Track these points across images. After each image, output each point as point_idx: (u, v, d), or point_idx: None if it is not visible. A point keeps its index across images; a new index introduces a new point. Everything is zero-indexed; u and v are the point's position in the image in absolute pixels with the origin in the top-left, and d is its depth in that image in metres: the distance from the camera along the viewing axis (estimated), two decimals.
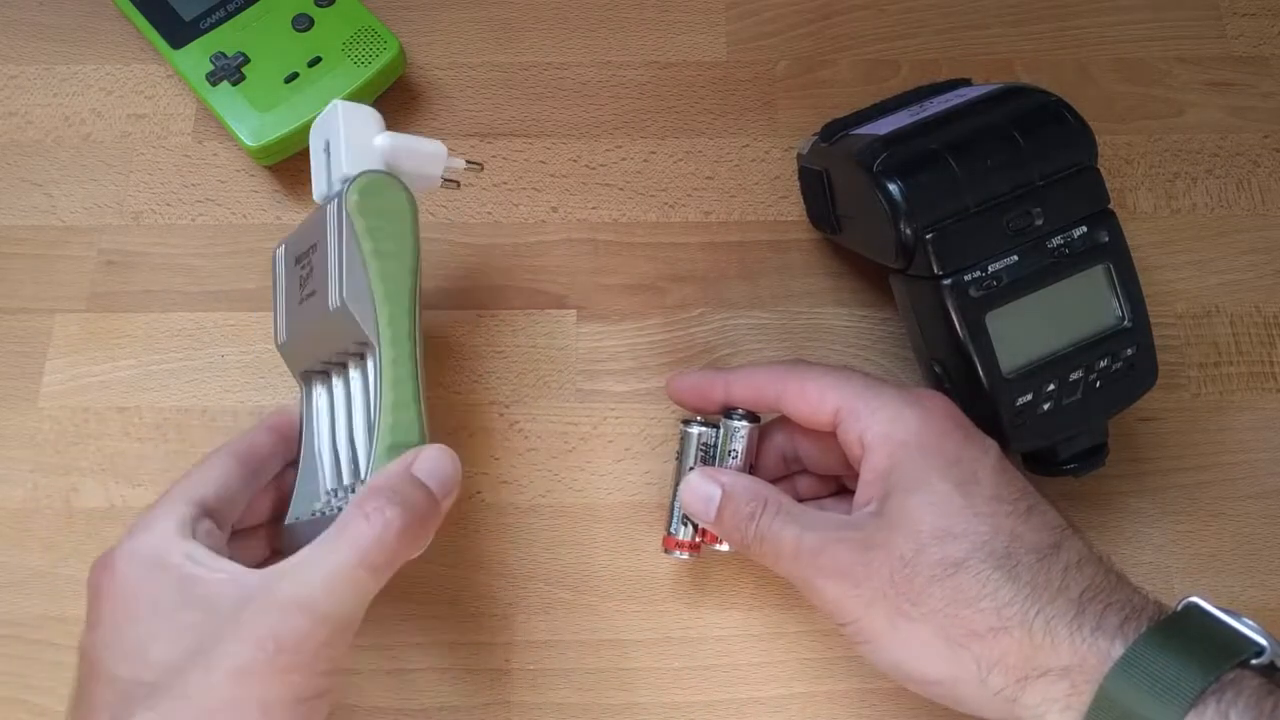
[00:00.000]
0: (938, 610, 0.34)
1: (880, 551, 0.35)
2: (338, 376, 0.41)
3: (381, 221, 0.39)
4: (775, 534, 0.37)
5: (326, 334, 0.40)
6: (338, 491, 0.40)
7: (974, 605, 0.33)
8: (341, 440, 0.40)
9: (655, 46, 0.54)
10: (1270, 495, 0.46)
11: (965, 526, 0.34)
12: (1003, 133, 0.40)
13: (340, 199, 0.39)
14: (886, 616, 0.34)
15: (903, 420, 0.37)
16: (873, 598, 0.35)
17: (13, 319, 0.49)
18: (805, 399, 0.39)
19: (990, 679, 0.33)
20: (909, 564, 0.34)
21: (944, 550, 0.34)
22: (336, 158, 0.40)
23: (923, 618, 0.34)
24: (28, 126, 0.52)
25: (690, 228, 0.51)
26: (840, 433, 0.38)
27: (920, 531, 0.34)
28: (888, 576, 0.34)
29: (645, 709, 0.43)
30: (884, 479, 0.36)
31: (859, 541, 0.35)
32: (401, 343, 0.38)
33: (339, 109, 0.41)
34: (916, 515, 0.35)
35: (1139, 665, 0.31)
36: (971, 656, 0.33)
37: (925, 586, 0.34)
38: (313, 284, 0.40)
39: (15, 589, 0.44)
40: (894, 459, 0.36)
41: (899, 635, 0.34)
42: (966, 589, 0.33)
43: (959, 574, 0.34)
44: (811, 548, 0.36)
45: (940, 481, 0.35)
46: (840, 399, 0.38)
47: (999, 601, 0.33)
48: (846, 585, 0.35)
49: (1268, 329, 0.49)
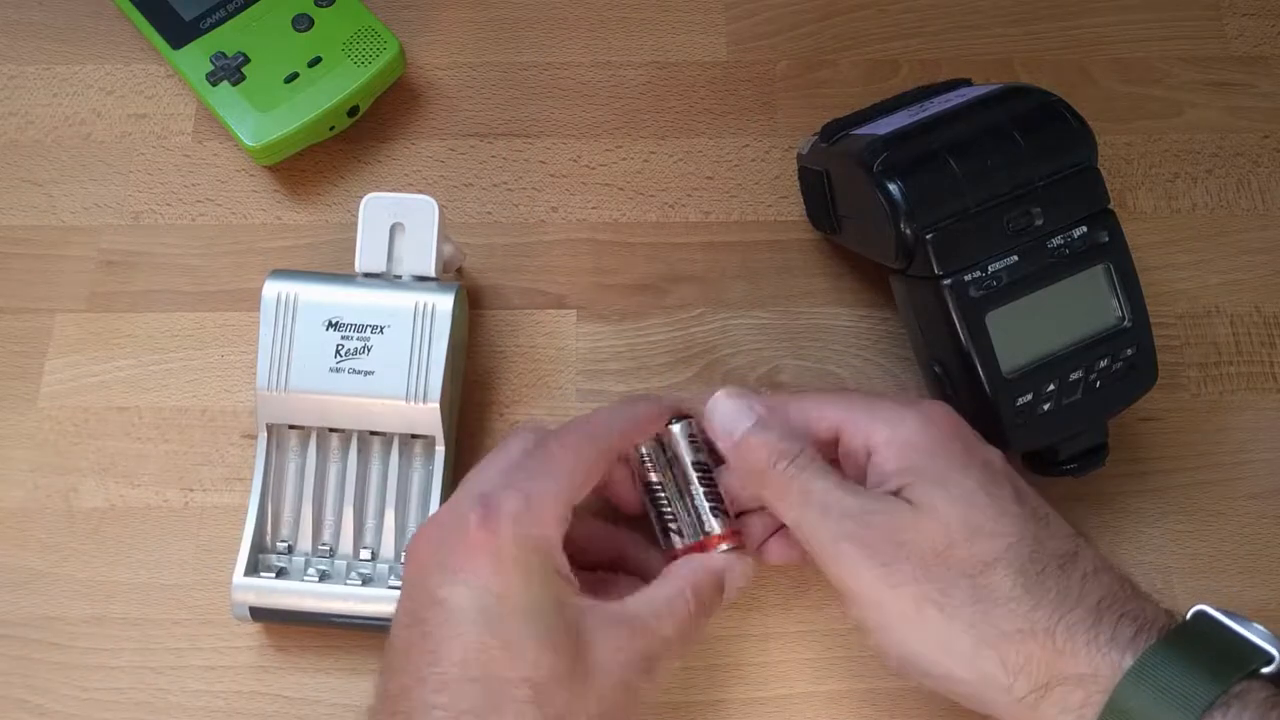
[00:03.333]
0: (967, 605, 0.33)
1: (912, 535, 0.34)
2: (324, 443, 0.43)
3: (461, 336, 0.45)
4: (808, 481, 0.36)
5: (368, 414, 0.42)
6: (314, 557, 0.43)
7: (1004, 606, 0.33)
8: (345, 509, 0.43)
9: (655, 46, 0.54)
10: (1270, 495, 0.46)
11: (994, 526, 0.34)
12: (1003, 133, 0.40)
13: (430, 304, 0.42)
14: (914, 602, 0.33)
15: (905, 423, 0.36)
16: (901, 580, 0.34)
17: (13, 319, 0.49)
18: (806, 418, 0.38)
19: (1016, 684, 0.32)
20: (940, 555, 0.33)
21: (975, 547, 0.33)
22: (415, 253, 0.44)
23: (953, 610, 0.33)
24: (28, 126, 0.52)
25: (690, 228, 0.51)
26: (843, 445, 0.38)
27: (950, 524, 0.34)
28: (919, 562, 0.34)
29: (645, 708, 0.42)
30: (899, 475, 0.35)
31: (891, 521, 0.34)
32: (451, 442, 0.44)
33: (436, 210, 0.44)
34: (944, 509, 0.34)
35: (1149, 677, 0.31)
36: (998, 658, 0.33)
37: (956, 580, 0.33)
38: (369, 362, 0.41)
39: (15, 589, 0.44)
40: (905, 458, 0.36)
41: (925, 625, 0.33)
42: (997, 589, 0.33)
43: (990, 573, 0.33)
44: (845, 509, 0.35)
45: (963, 478, 0.35)
46: (838, 414, 0.38)
47: (1027, 605, 0.33)
48: (874, 561, 0.34)
49: (1268, 329, 0.49)
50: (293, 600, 0.41)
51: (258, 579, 0.41)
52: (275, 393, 0.42)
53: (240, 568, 0.41)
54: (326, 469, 0.43)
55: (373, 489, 0.43)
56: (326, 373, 0.42)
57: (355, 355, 0.42)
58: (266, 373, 0.42)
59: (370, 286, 0.43)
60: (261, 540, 0.43)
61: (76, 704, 0.42)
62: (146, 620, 0.44)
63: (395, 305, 0.42)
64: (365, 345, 0.42)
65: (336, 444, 0.43)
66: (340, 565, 0.43)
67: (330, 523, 0.43)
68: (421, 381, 0.42)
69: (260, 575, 0.41)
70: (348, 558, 0.43)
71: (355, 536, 0.43)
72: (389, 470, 0.43)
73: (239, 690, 0.43)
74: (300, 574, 0.42)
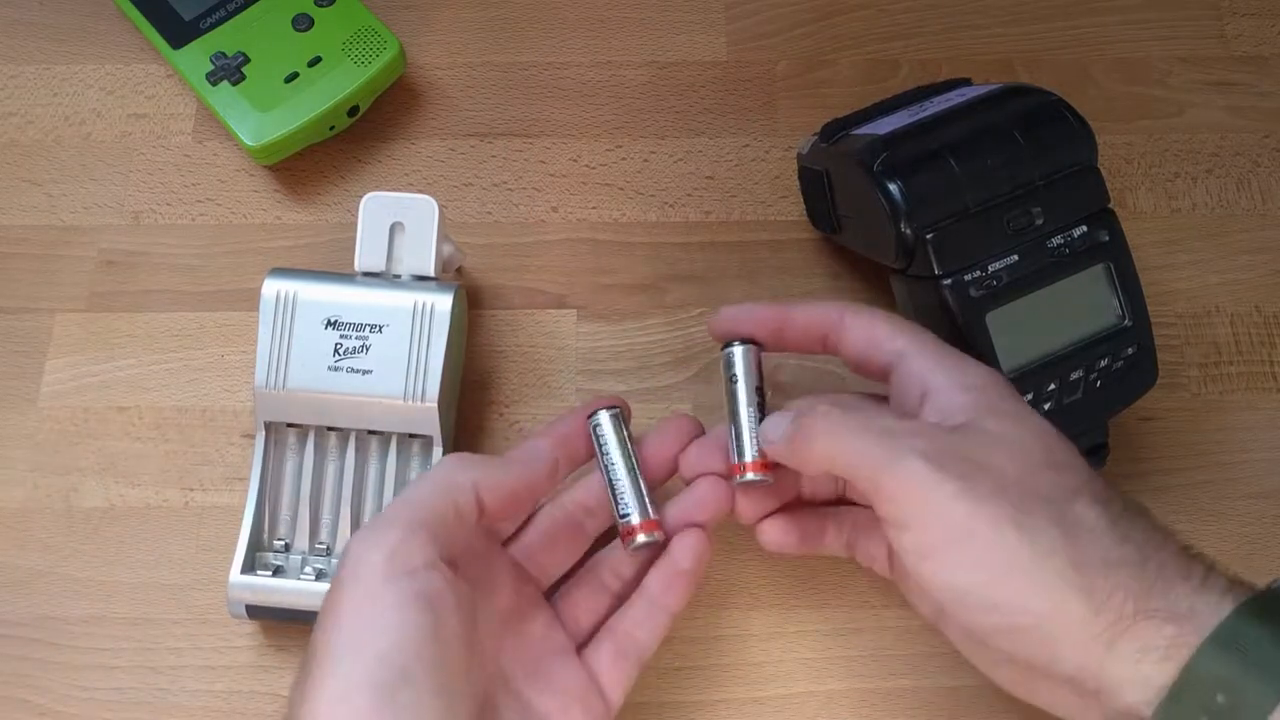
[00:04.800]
0: (1050, 528, 0.31)
1: (990, 456, 0.32)
2: (322, 441, 0.43)
3: (460, 336, 0.45)
4: (865, 414, 0.34)
5: (366, 413, 0.42)
6: (311, 555, 0.43)
7: (1089, 534, 0.31)
8: (342, 508, 0.43)
9: (655, 46, 0.54)
10: (1270, 495, 0.46)
11: (1072, 460, 0.33)
12: (1003, 133, 0.40)
13: (429, 304, 0.42)
14: (991, 522, 0.31)
15: (972, 371, 0.35)
16: (980, 497, 0.31)
17: (13, 319, 0.49)
18: (870, 336, 0.37)
19: (1099, 615, 0.30)
20: (1020, 478, 0.31)
21: (1058, 475, 0.32)
22: (415, 253, 0.44)
23: (1036, 531, 0.30)
24: (28, 126, 0.52)
25: (690, 228, 0.51)
26: (899, 375, 0.36)
27: (1031, 450, 0.32)
28: (999, 482, 0.31)
29: (645, 708, 0.42)
30: (966, 410, 0.34)
31: (966, 441, 0.32)
32: (450, 441, 0.44)
33: (436, 210, 0.43)
34: (1023, 437, 0.33)
35: (1248, 631, 0.29)
36: (1082, 586, 0.30)
37: (1039, 503, 0.31)
38: (367, 361, 0.42)
39: (15, 589, 0.44)
40: (972, 396, 0.34)
41: (1001, 547, 0.31)
42: (1083, 517, 0.31)
43: (1074, 501, 0.31)
44: (913, 429, 0.33)
45: (1036, 418, 0.34)
46: (906, 344, 0.36)
47: (1113, 537, 0.31)
48: (948, 475, 0.31)
49: (1268, 329, 0.49)
50: (290, 599, 0.41)
51: (255, 577, 0.41)
52: (274, 391, 0.42)
53: (237, 566, 0.41)
54: (324, 468, 0.43)
55: (370, 488, 0.43)
56: (325, 371, 0.42)
57: (354, 354, 0.42)
58: (265, 371, 0.42)
59: (369, 286, 0.43)
60: (259, 538, 0.43)
61: (76, 704, 0.42)
62: (146, 620, 0.44)
63: (394, 304, 0.42)
64: (364, 344, 0.42)
65: (334, 443, 0.43)
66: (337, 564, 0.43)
67: (328, 521, 0.43)
68: (420, 381, 0.42)
69: (257, 573, 0.41)
70: None
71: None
72: (387, 469, 0.43)
73: (239, 690, 0.43)
74: (297, 572, 0.42)
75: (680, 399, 0.48)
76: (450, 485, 0.36)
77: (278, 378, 0.42)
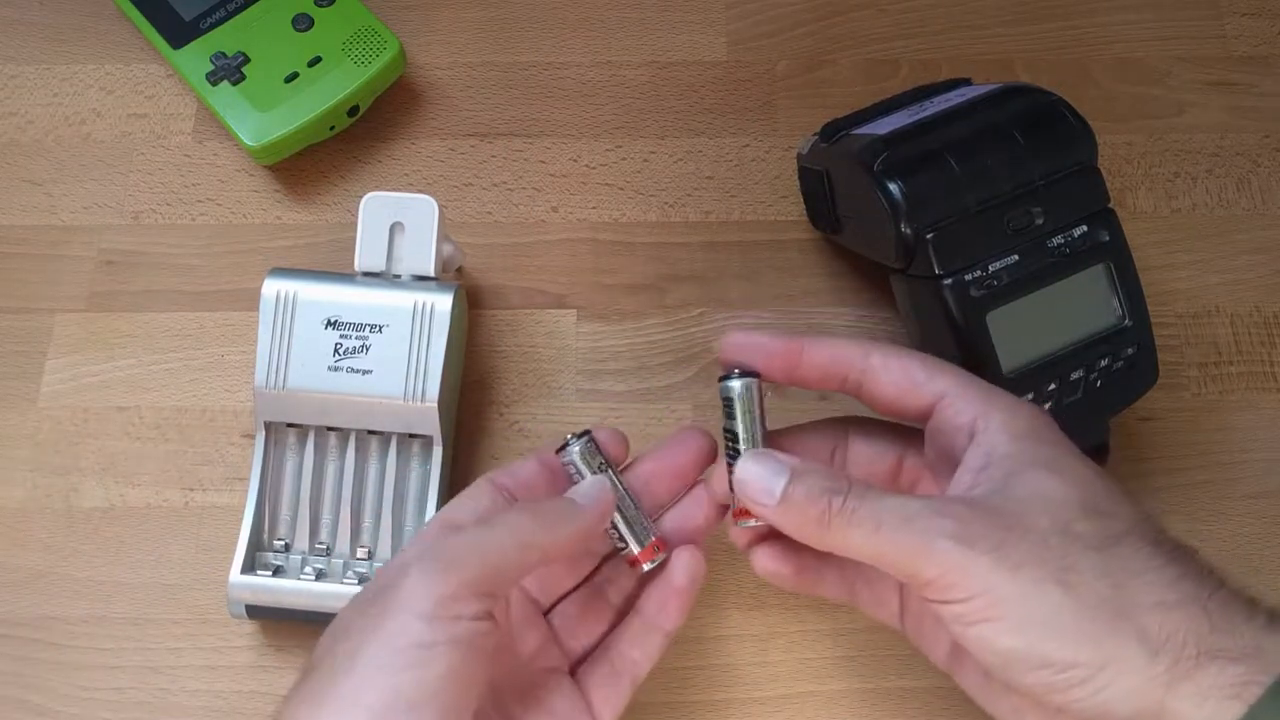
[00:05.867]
0: (1096, 579, 0.30)
1: (1023, 518, 0.31)
2: (322, 441, 0.43)
3: (460, 336, 0.45)
4: (875, 505, 0.32)
5: (366, 413, 0.42)
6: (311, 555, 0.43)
7: (1140, 577, 0.30)
8: (342, 508, 0.43)
9: (655, 46, 0.54)
10: (1270, 495, 0.46)
11: (1116, 508, 0.32)
12: (1003, 132, 0.40)
13: (429, 304, 0.42)
14: (1034, 583, 0.30)
15: (1020, 414, 0.34)
16: (1019, 562, 0.30)
17: (13, 319, 0.49)
18: (907, 378, 0.35)
19: (1159, 657, 0.29)
20: (1061, 533, 0.31)
21: (1100, 523, 0.31)
22: (415, 253, 0.44)
23: (1081, 586, 0.30)
24: (28, 126, 0.52)
25: (690, 228, 0.51)
26: (942, 418, 0.35)
27: (1068, 504, 0.32)
28: (1036, 542, 0.31)
29: (645, 708, 0.42)
30: (1006, 461, 0.33)
31: (994, 507, 0.32)
32: (449, 441, 0.44)
33: (436, 210, 0.43)
34: (1062, 492, 0.32)
35: None
36: (1137, 630, 0.29)
37: (1081, 554, 0.30)
38: (367, 361, 0.42)
39: (15, 589, 0.44)
40: (1017, 445, 0.33)
41: (1045, 605, 0.30)
42: (1131, 561, 0.30)
43: (1119, 546, 0.31)
44: (934, 509, 0.32)
45: (1079, 466, 0.33)
46: (948, 385, 0.35)
47: (1170, 575, 0.30)
48: (983, 547, 0.31)
49: (1268, 329, 0.49)
50: (289, 599, 0.41)
51: (254, 577, 0.41)
52: (274, 391, 0.42)
53: (237, 565, 0.41)
54: (324, 468, 0.43)
55: (370, 488, 0.43)
56: (325, 371, 0.42)
57: (354, 354, 0.42)
58: (265, 371, 0.42)
59: (369, 286, 0.43)
60: (259, 538, 0.43)
61: (76, 704, 0.42)
62: (146, 620, 0.44)
63: (394, 304, 0.42)
64: (364, 344, 0.42)
65: (334, 443, 0.43)
66: (337, 564, 0.43)
67: (328, 521, 0.43)
68: (420, 381, 0.42)
69: (257, 573, 0.42)
70: (345, 557, 0.43)
71: (352, 535, 0.43)
72: (387, 469, 0.43)
73: (239, 689, 0.43)
74: (297, 572, 0.42)
75: (680, 399, 0.48)
76: (527, 545, 0.34)
77: (278, 378, 0.42)
